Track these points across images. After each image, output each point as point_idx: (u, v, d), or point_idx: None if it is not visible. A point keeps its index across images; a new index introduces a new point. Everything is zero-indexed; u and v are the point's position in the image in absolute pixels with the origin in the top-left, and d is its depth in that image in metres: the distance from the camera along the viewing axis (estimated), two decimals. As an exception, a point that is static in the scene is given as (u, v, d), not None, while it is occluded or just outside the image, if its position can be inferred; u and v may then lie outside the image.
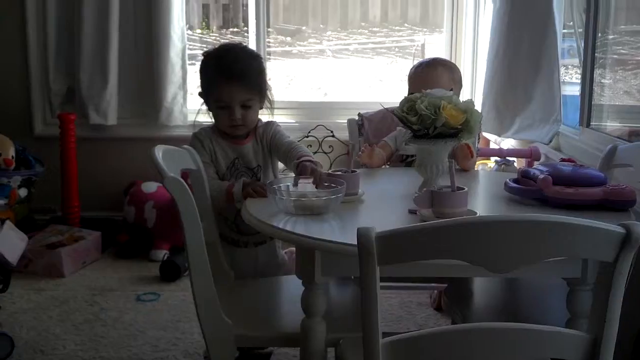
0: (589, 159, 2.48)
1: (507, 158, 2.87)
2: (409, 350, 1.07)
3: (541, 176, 1.66)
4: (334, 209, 1.59)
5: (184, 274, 3.16)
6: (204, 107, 2.08)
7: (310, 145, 3.78)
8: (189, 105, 3.79)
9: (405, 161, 2.24)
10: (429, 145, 1.70)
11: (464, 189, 1.52)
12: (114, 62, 3.65)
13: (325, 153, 3.86)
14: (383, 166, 2.23)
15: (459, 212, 1.49)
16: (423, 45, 4.56)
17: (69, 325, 2.64)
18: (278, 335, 1.63)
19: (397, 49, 4.62)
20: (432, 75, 2.20)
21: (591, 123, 2.59)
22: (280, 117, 3.89)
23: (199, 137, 2.03)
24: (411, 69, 2.29)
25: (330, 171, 1.80)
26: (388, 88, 4.40)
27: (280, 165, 2.15)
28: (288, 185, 1.69)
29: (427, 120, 1.65)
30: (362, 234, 1.04)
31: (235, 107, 1.96)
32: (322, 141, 3.85)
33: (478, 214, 1.51)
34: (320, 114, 3.96)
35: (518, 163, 2.88)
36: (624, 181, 1.72)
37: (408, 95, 2.19)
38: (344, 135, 3.81)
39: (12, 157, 3.35)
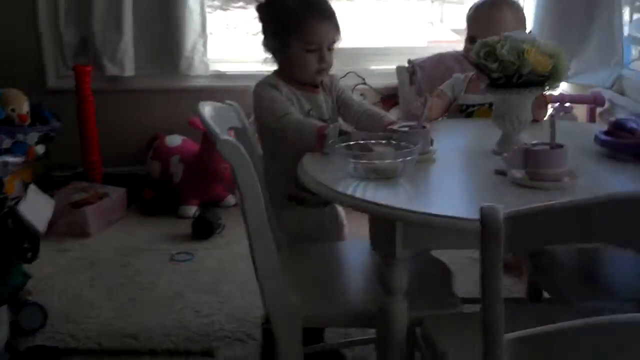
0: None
1: (566, 105, 2.64)
2: (538, 348, 0.90)
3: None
4: (408, 172, 1.41)
5: (217, 231, 3.02)
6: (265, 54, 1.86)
7: (341, 94, 3.60)
8: (210, 54, 3.58)
9: (465, 112, 2.04)
10: (512, 95, 1.50)
11: (563, 145, 1.33)
12: (128, 10, 3.40)
13: (357, 101, 3.65)
14: (440, 118, 2.04)
15: (559, 173, 1.31)
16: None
17: (102, 291, 2.51)
18: (351, 316, 1.46)
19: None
20: (496, 15, 1.98)
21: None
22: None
23: (273, 84, 1.79)
24: (471, 8, 2.06)
25: (397, 127, 1.59)
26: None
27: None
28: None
29: (510, 67, 1.46)
30: (487, 213, 0.86)
31: (325, 49, 1.76)
32: (353, 89, 3.63)
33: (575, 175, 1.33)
34: (351, 60, 3.72)
35: (577, 110, 2.65)
36: None
37: (467, 37, 2.01)
38: (376, 82, 3.62)
39: (27, 112, 3.15)
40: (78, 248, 2.89)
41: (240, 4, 4.11)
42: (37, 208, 1.95)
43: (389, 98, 3.66)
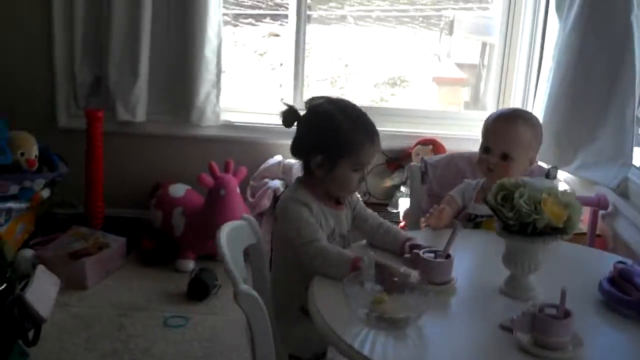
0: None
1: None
2: None
3: (648, 286, 1.48)
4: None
5: (212, 292, 3.02)
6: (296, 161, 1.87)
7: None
8: (222, 104, 3.59)
9: (473, 221, 2.04)
10: (524, 242, 1.51)
11: (570, 313, 1.33)
12: (145, 56, 3.42)
13: (363, 162, 3.65)
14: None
15: (564, 342, 1.31)
16: (452, 22, 4.30)
17: (97, 356, 2.50)
18: None
19: (421, 19, 4.36)
20: (512, 129, 1.99)
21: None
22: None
23: (305, 203, 1.73)
24: (488, 118, 2.07)
25: (422, 252, 1.59)
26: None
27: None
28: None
29: (526, 218, 1.46)
30: None
31: (367, 168, 1.80)
32: (360, 149, 3.64)
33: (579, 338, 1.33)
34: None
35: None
36: None
37: (482, 147, 2.02)
38: (383, 144, 3.60)
39: (36, 156, 3.16)
40: (75, 302, 2.88)
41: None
42: (43, 291, 1.95)
43: (393, 161, 3.67)
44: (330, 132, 1.74)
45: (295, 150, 1.84)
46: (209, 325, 2.78)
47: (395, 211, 3.54)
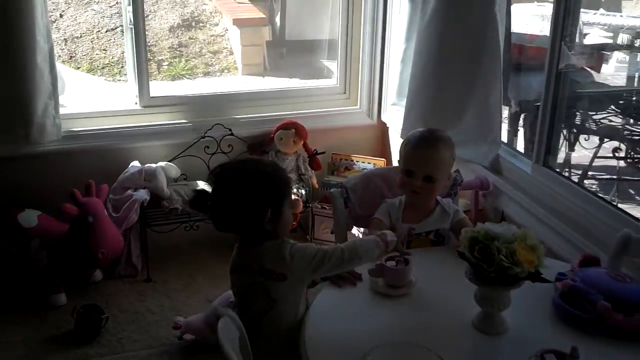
0: (539, 195, 2.55)
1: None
2: None
3: (601, 302, 1.66)
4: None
5: (103, 326, 2.81)
6: None
7: (208, 147, 3.47)
8: (62, 110, 3.22)
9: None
10: (502, 289, 1.60)
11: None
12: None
13: (225, 153, 3.54)
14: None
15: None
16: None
17: None
18: None
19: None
20: (434, 154, 2.04)
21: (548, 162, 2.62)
22: (167, 117, 3.48)
23: (291, 241, 1.82)
24: (407, 144, 2.09)
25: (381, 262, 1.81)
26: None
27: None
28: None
29: (508, 271, 1.54)
30: None
31: None
32: (220, 141, 3.51)
33: None
34: (216, 110, 3.58)
35: (461, 194, 2.83)
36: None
37: (403, 170, 2.06)
38: (242, 132, 3.53)
39: None
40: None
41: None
42: None
43: (255, 147, 3.60)
44: (271, 187, 1.77)
45: (234, 224, 1.79)
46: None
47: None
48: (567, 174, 3.43)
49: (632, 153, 3.64)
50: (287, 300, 1.76)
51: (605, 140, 3.45)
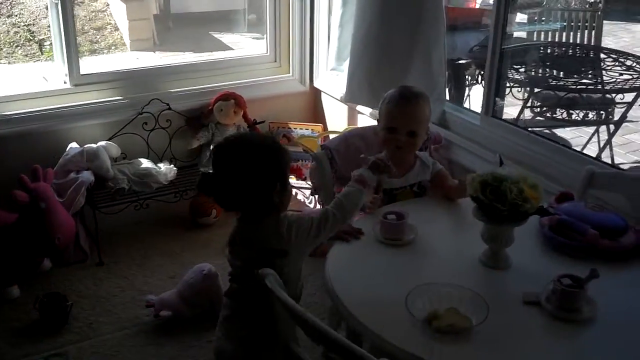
0: (490, 143, 2.76)
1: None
2: None
3: (590, 231, 1.86)
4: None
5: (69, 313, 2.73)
6: None
7: (146, 123, 3.41)
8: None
9: (389, 194, 2.21)
10: (510, 226, 1.76)
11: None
12: None
13: (164, 128, 3.48)
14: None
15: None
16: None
17: None
18: None
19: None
20: (415, 110, 2.16)
21: (495, 113, 2.81)
22: (100, 94, 3.36)
23: (286, 213, 1.82)
24: (388, 102, 2.19)
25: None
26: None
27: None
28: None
29: (519, 209, 1.70)
30: None
31: None
32: (158, 116, 3.45)
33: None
34: (152, 84, 3.50)
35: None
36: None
37: (385, 128, 2.17)
38: (179, 106, 3.48)
39: None
40: None
41: None
42: None
43: (194, 120, 3.56)
44: (275, 158, 1.76)
45: (242, 201, 1.77)
46: (92, 352, 2.56)
47: (211, 171, 3.48)
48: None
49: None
50: (289, 274, 1.76)
51: (536, 90, 3.72)
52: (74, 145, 3.21)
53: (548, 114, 3.98)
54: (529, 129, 2.89)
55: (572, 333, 1.60)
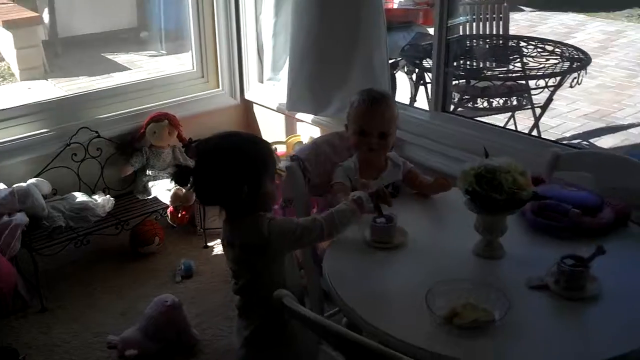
0: (443, 137, 2.79)
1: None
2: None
3: (572, 210, 1.91)
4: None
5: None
6: None
7: (76, 154, 3.21)
8: None
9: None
10: (503, 216, 1.77)
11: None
12: None
13: (94, 157, 3.29)
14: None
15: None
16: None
17: None
18: None
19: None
20: (385, 112, 2.15)
21: (445, 107, 2.84)
22: (23, 128, 3.13)
23: (271, 217, 1.80)
24: (358, 103, 2.16)
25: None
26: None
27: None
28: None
29: (515, 197, 1.71)
30: None
31: None
32: (87, 145, 3.25)
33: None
34: (79, 112, 3.29)
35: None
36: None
37: (356, 131, 2.15)
38: (108, 132, 3.31)
39: None
40: None
41: None
42: None
43: (126, 146, 3.39)
44: (247, 163, 1.76)
45: (213, 198, 1.81)
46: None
47: (148, 198, 3.34)
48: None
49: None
50: (272, 271, 1.78)
51: (472, 82, 3.82)
52: (1, 186, 2.96)
53: (469, 104, 4.12)
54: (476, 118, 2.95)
55: (582, 311, 1.63)
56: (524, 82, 3.94)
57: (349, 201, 1.85)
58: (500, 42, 4.47)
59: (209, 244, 3.47)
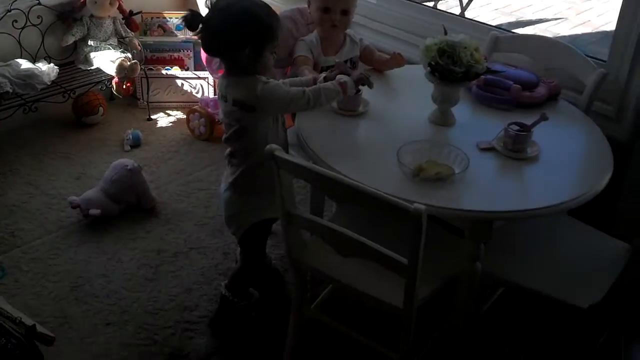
0: (389, 20, 2.97)
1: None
2: None
3: (513, 86, 2.17)
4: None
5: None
6: None
7: (16, 21, 3.17)
8: None
9: (326, 71, 2.34)
10: (459, 86, 2.01)
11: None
12: None
13: (35, 25, 3.24)
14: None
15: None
16: None
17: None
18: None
19: None
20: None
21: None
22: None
23: (267, 79, 1.93)
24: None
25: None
26: None
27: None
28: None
29: (471, 69, 1.94)
30: None
31: None
32: (28, 13, 3.18)
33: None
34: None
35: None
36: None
37: (320, 8, 2.29)
38: (49, 0, 3.23)
39: None
40: None
41: None
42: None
43: (66, 15, 3.34)
44: (254, 26, 1.89)
45: (216, 49, 1.95)
46: (30, 259, 2.51)
47: (90, 68, 3.34)
48: None
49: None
50: (257, 127, 1.95)
51: None
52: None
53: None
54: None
55: (524, 169, 1.89)
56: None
57: (336, 82, 1.99)
58: None
59: (152, 117, 3.55)
